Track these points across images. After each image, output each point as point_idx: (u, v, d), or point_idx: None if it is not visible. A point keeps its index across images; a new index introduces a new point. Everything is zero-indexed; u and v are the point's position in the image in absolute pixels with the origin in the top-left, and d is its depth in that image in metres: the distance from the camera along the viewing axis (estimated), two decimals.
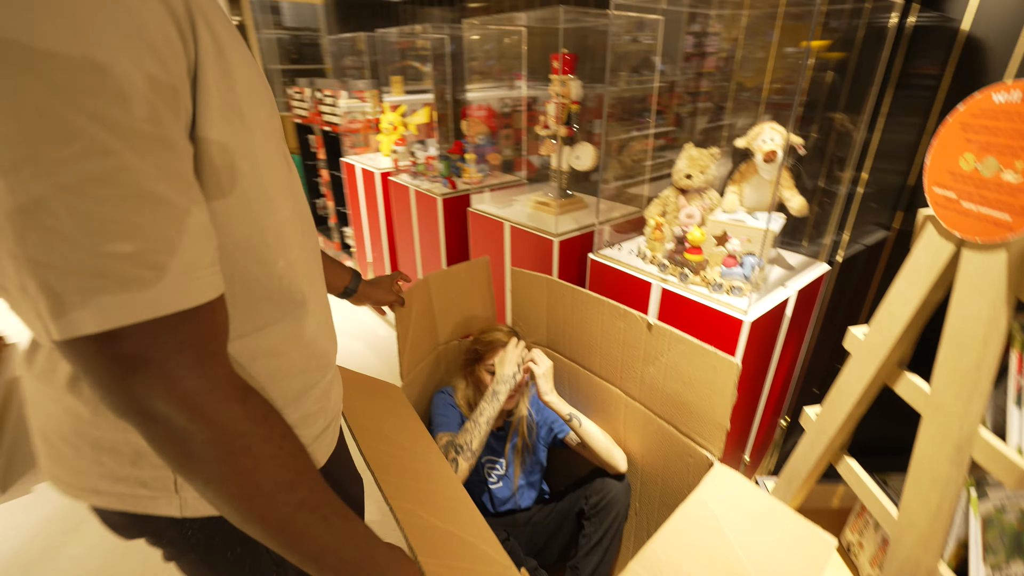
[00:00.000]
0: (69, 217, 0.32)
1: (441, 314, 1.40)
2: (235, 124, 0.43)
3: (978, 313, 0.66)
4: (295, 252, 0.54)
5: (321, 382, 0.60)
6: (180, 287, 0.37)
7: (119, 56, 0.33)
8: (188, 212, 0.38)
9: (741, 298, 1.06)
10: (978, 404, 0.68)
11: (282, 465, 0.44)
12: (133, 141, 0.34)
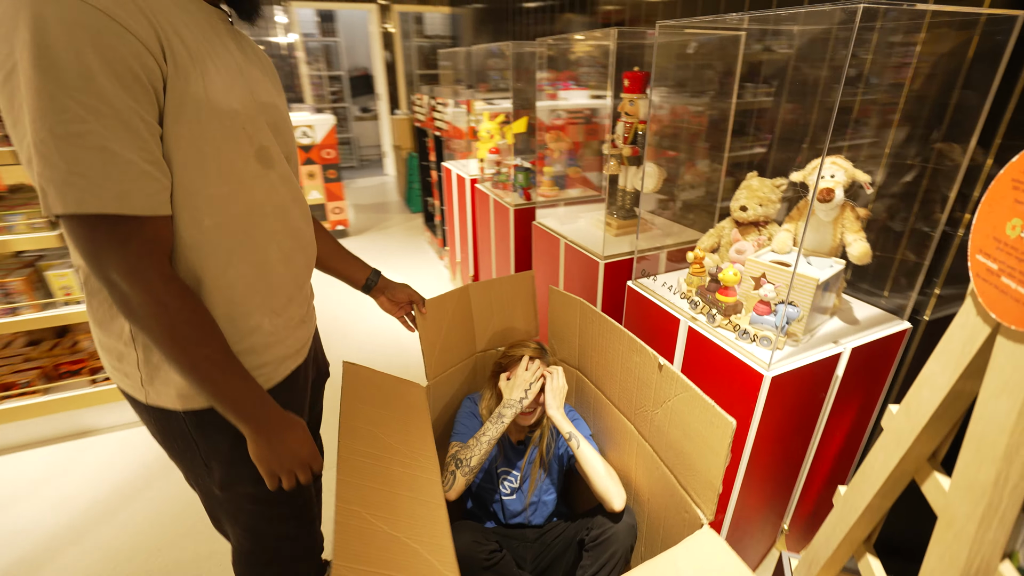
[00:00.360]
0: (56, 152, 0.54)
1: (480, 322, 1.44)
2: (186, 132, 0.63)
3: (1004, 418, 0.53)
4: (237, 256, 0.72)
5: (256, 344, 0.78)
6: (118, 201, 0.57)
7: (100, 71, 0.54)
8: (131, 162, 0.58)
9: (769, 350, 0.95)
10: (997, 532, 0.55)
11: (193, 327, 0.66)
12: (101, 119, 0.55)
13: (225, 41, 0.72)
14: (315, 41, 6.84)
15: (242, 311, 0.74)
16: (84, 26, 0.53)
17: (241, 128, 0.69)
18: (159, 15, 0.60)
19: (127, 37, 0.56)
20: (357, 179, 6.87)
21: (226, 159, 0.68)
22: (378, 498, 0.87)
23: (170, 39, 0.61)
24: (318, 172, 4.11)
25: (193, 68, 0.63)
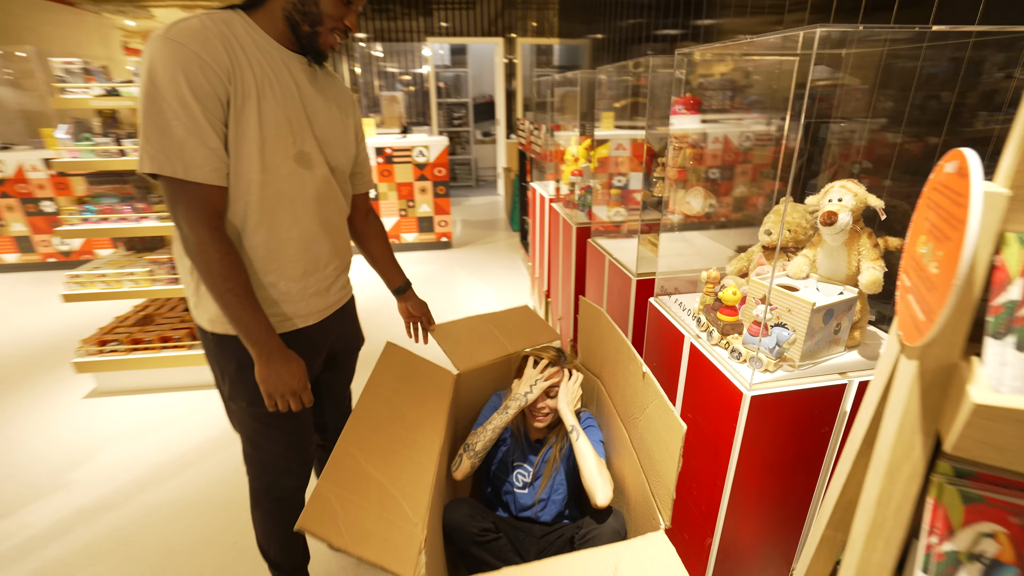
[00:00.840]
0: (153, 136, 0.84)
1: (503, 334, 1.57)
2: (238, 126, 0.91)
3: (889, 435, 0.52)
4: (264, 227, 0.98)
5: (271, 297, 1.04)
6: (184, 170, 0.86)
7: (185, 88, 0.83)
8: (197, 147, 0.87)
9: (754, 370, 0.93)
10: (884, 555, 0.53)
11: (224, 266, 0.92)
12: (180, 119, 0.84)
13: (296, 76, 0.98)
14: (448, 71, 7.53)
15: (260, 269, 1.00)
16: (179, 59, 0.82)
17: (287, 135, 0.94)
18: (239, 55, 0.88)
19: (207, 67, 0.83)
20: (472, 197, 7.36)
21: (268, 156, 0.93)
22: (374, 448, 1.03)
23: (241, 70, 0.87)
24: (429, 188, 4.54)
25: (253, 91, 0.89)
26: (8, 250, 4.33)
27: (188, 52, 0.83)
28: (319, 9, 0.94)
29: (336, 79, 1.14)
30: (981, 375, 0.45)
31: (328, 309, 1.17)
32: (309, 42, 0.98)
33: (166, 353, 2.49)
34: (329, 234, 1.09)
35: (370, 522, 0.90)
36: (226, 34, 0.88)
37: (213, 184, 0.90)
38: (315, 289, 1.10)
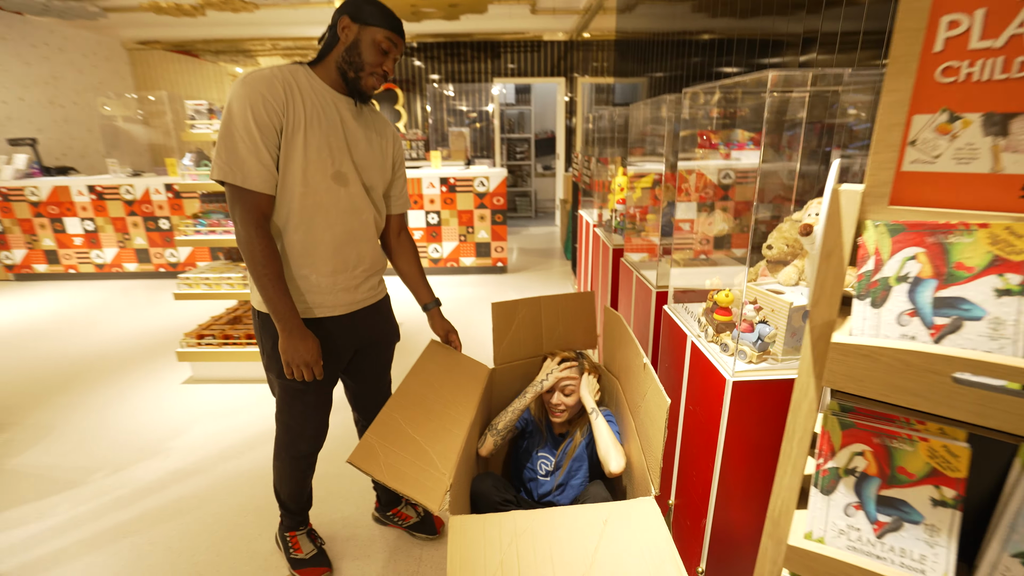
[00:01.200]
0: (223, 152, 1.14)
1: (547, 329, 1.74)
2: (289, 147, 1.18)
3: (801, 381, 0.66)
4: (301, 229, 1.26)
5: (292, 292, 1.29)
6: (242, 180, 1.15)
7: (249, 116, 1.12)
8: (254, 164, 1.15)
9: (739, 360, 1.06)
10: (792, 479, 0.66)
11: (264, 256, 1.18)
12: (244, 142, 1.13)
13: (342, 113, 1.28)
14: (512, 108, 7.99)
15: (296, 263, 1.28)
16: (248, 97, 1.12)
17: (327, 158, 1.22)
18: (295, 95, 1.18)
19: (268, 104, 1.13)
20: (530, 227, 7.65)
21: (310, 173, 1.21)
22: (413, 415, 1.24)
23: (295, 107, 1.17)
24: (488, 215, 4.86)
25: (302, 123, 1.18)
26: (130, 260, 5.06)
27: (255, 92, 1.12)
28: (361, 59, 1.21)
29: (381, 117, 1.42)
30: (845, 326, 0.60)
31: (356, 304, 1.41)
32: (354, 85, 1.25)
33: (250, 349, 2.86)
34: (357, 241, 1.35)
35: (406, 467, 1.11)
36: (288, 80, 1.17)
37: (262, 192, 1.18)
38: (343, 286, 1.35)
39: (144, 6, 5.10)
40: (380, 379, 1.64)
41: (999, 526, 0.54)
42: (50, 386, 2.94)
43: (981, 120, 0.53)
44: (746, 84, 1.21)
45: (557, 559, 0.92)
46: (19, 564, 1.70)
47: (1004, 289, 0.51)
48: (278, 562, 1.69)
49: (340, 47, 1.22)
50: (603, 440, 1.32)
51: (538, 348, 1.74)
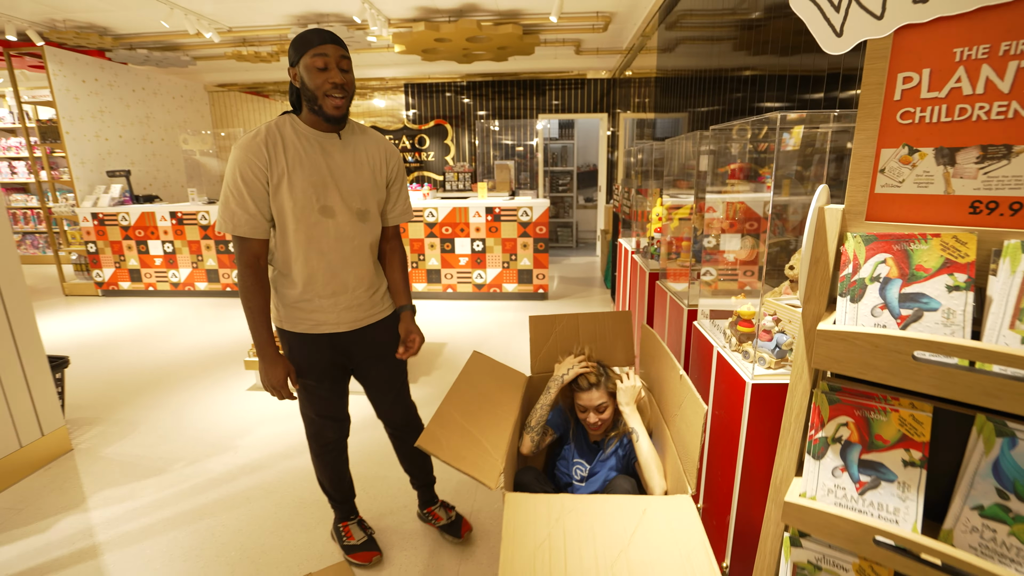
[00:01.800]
0: (221, 208, 1.37)
1: (586, 343, 1.88)
2: (278, 190, 1.38)
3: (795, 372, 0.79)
4: (293, 254, 1.44)
5: (302, 312, 1.50)
6: (233, 229, 1.36)
7: (237, 175, 1.34)
8: (242, 215, 1.36)
9: (759, 366, 1.18)
10: (791, 451, 0.79)
11: (251, 293, 1.40)
12: (235, 198, 1.35)
13: (327, 149, 1.44)
14: (556, 143, 8.30)
15: (301, 288, 1.47)
16: (237, 160, 1.33)
17: (312, 196, 1.40)
18: (277, 147, 1.37)
19: (253, 163, 1.34)
20: (571, 256, 7.81)
21: (298, 211, 1.40)
22: (466, 411, 1.41)
23: (277, 159, 1.37)
24: (530, 244, 5.06)
25: (285, 170, 1.37)
26: (201, 279, 5.54)
27: (243, 155, 1.32)
28: (310, 89, 1.32)
29: (371, 140, 1.51)
30: (831, 318, 0.73)
31: (361, 321, 1.56)
32: (323, 114, 1.35)
33: None
34: (352, 266, 1.49)
35: (464, 451, 1.27)
36: (274, 136, 1.35)
37: (251, 237, 1.38)
38: (345, 305, 1.52)
39: (228, 55, 5.73)
40: (391, 384, 1.74)
41: (961, 484, 0.65)
42: (133, 389, 3.28)
43: (934, 153, 0.67)
44: (762, 123, 1.35)
45: (598, 537, 1.04)
46: (116, 535, 1.94)
47: (954, 286, 0.64)
48: (334, 549, 1.86)
49: (299, 92, 1.39)
50: (648, 466, 1.40)
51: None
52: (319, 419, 1.65)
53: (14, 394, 2.28)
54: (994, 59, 0.60)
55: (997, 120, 0.61)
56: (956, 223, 0.66)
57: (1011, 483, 0.61)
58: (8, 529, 1.98)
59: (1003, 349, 0.58)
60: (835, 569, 0.75)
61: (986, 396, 0.60)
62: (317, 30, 1.32)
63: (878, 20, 0.66)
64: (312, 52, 1.30)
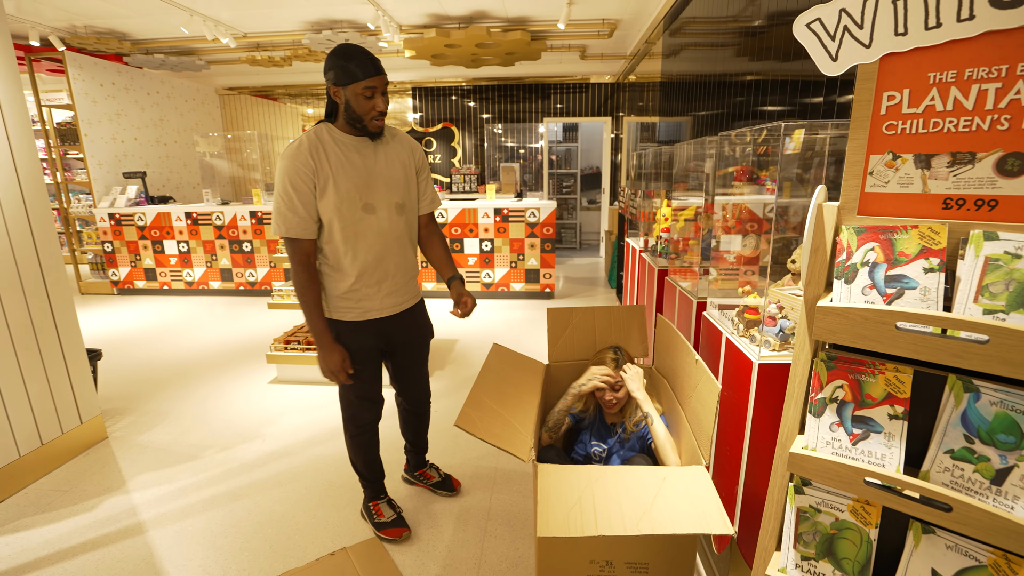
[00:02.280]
0: (273, 213, 1.55)
1: (601, 336, 2.02)
2: (324, 195, 1.55)
3: (796, 341, 0.92)
4: (342, 249, 1.59)
5: (350, 301, 1.65)
6: (285, 231, 1.54)
7: (287, 182, 1.51)
8: (292, 218, 1.53)
9: (765, 349, 1.31)
10: (794, 412, 0.92)
11: (304, 287, 1.57)
12: (284, 203, 1.53)
13: (363, 153, 1.60)
14: (560, 146, 8.44)
15: (352, 279, 1.62)
16: (286, 169, 1.50)
17: (356, 196, 1.55)
18: (321, 156, 1.52)
19: (300, 170, 1.48)
20: (575, 257, 7.95)
21: (344, 210, 1.55)
22: (493, 396, 1.55)
23: (322, 165, 1.51)
24: (537, 244, 5.20)
25: (331, 176, 1.52)
26: (215, 279, 5.66)
27: (291, 164, 1.48)
28: (356, 112, 1.50)
29: (398, 139, 1.69)
30: (828, 297, 0.87)
31: (399, 306, 1.76)
32: (364, 131, 1.55)
33: None
34: (393, 255, 1.68)
35: (496, 429, 1.40)
36: (315, 144, 1.50)
37: (301, 237, 1.53)
38: (387, 291, 1.69)
39: (242, 59, 5.87)
40: (419, 370, 1.97)
41: (936, 433, 0.78)
42: (158, 382, 3.41)
43: (913, 159, 0.80)
44: (768, 130, 1.49)
45: (624, 500, 1.17)
46: (158, 514, 2.07)
47: (929, 268, 0.77)
48: (364, 527, 1.99)
49: (340, 109, 1.54)
50: (662, 446, 1.52)
51: (592, 352, 2.01)
52: (358, 401, 1.79)
53: (57, 384, 2.41)
54: (960, 82, 0.73)
55: (963, 132, 0.75)
56: (931, 216, 0.79)
57: (975, 430, 0.75)
58: (57, 508, 2.11)
59: (968, 318, 0.71)
60: (832, 511, 0.88)
61: (955, 358, 0.73)
62: (366, 56, 1.46)
63: (867, 48, 0.79)
64: (364, 83, 1.46)
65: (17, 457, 2.21)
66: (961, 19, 0.70)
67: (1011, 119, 0.70)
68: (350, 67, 1.44)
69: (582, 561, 1.27)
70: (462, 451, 2.51)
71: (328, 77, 1.49)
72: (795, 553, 0.90)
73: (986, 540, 0.72)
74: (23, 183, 2.27)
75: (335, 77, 1.47)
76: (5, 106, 2.19)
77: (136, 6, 4.29)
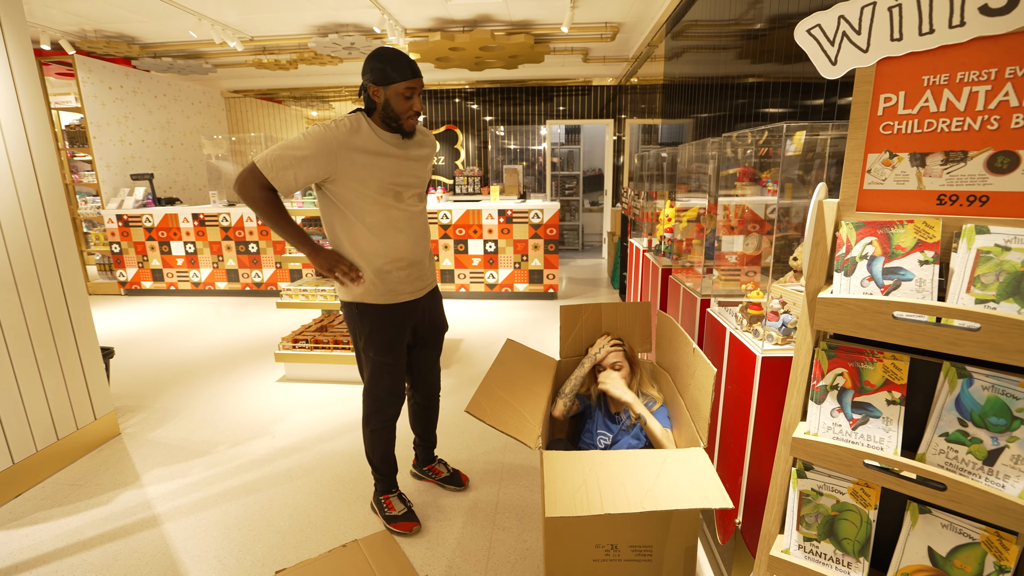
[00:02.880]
0: (277, 148, 1.54)
1: (607, 329, 2.06)
2: (354, 190, 1.61)
3: (799, 331, 0.97)
4: (372, 234, 1.65)
5: (382, 285, 1.71)
6: (272, 178, 1.53)
7: (309, 153, 1.54)
8: (288, 175, 1.54)
9: (767, 342, 1.35)
10: (797, 399, 0.96)
11: (271, 204, 1.59)
12: (293, 159, 1.53)
13: (396, 148, 1.66)
14: (563, 148, 8.49)
15: (382, 260, 1.68)
16: (317, 142, 1.53)
17: (389, 184, 1.62)
18: (349, 146, 1.57)
19: (324, 157, 1.53)
20: (578, 259, 7.99)
21: (376, 197, 1.61)
22: (505, 386, 1.59)
23: (348, 157, 1.56)
24: (541, 245, 5.24)
25: (366, 162, 1.57)
26: (221, 279, 5.72)
27: (323, 144, 1.53)
28: (395, 111, 1.58)
29: (423, 138, 1.77)
30: (828, 289, 0.91)
31: (423, 291, 1.84)
32: (398, 129, 1.63)
33: (335, 353, 3.30)
34: (421, 238, 1.78)
35: (506, 417, 1.45)
36: (350, 132, 1.56)
37: (277, 189, 1.55)
38: (415, 276, 1.78)
39: (248, 63, 5.94)
40: (433, 365, 2.06)
41: (931, 418, 0.82)
42: (167, 380, 3.46)
43: (909, 157, 0.84)
44: (770, 131, 1.54)
45: (627, 481, 1.22)
46: (172, 507, 2.12)
47: (924, 260, 0.82)
48: (374, 520, 2.03)
49: (378, 107, 1.61)
50: (660, 443, 1.60)
51: None
52: (386, 396, 1.85)
53: (73, 381, 2.45)
54: (952, 85, 0.78)
55: (956, 132, 0.79)
56: (926, 212, 0.84)
57: (968, 413, 0.79)
58: (73, 502, 2.15)
59: (961, 307, 0.76)
60: (833, 494, 0.92)
61: (949, 345, 0.77)
62: (405, 59, 1.56)
63: (864, 53, 0.84)
64: (405, 83, 1.55)
65: (34, 451, 2.26)
66: (953, 25, 0.75)
67: (1000, 119, 0.75)
68: (391, 69, 1.53)
69: (587, 546, 1.31)
70: (470, 447, 2.55)
71: (367, 77, 1.57)
72: (798, 535, 0.94)
73: (979, 517, 0.76)
74: (41, 185, 2.32)
75: (377, 77, 1.55)
76: (26, 111, 2.25)
77: (146, 11, 4.36)
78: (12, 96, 2.20)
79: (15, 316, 2.19)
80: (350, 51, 5.36)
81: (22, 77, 2.24)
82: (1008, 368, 0.77)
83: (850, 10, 0.83)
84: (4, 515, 2.07)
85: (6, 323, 2.15)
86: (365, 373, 1.85)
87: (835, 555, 0.91)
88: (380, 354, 1.76)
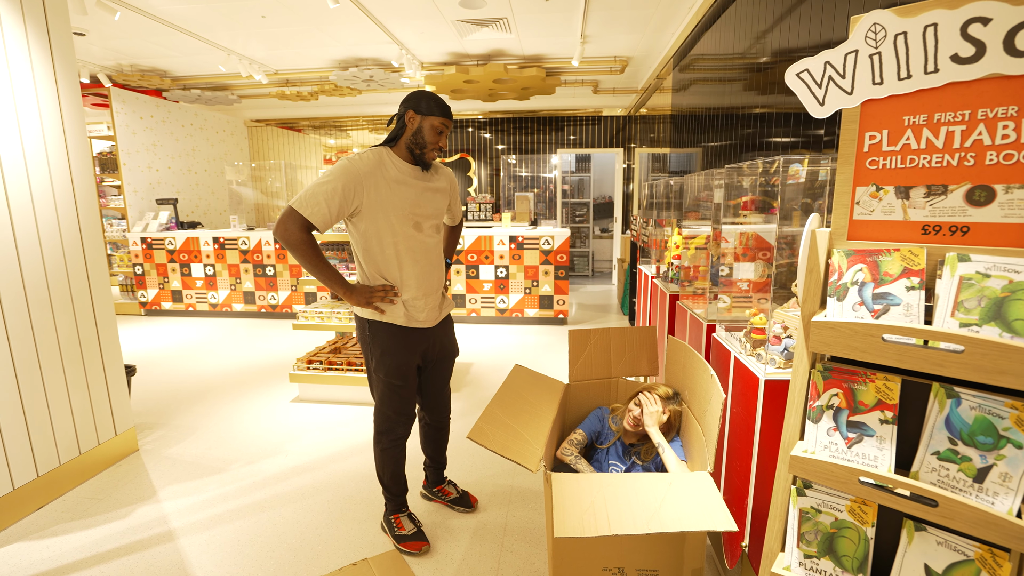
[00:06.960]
0: (309, 187, 1.63)
1: (616, 355, 2.11)
2: (378, 220, 1.70)
3: (795, 353, 1.01)
4: (393, 263, 1.75)
5: (400, 308, 1.78)
6: (309, 215, 1.61)
7: (339, 186, 1.62)
8: (323, 209, 1.62)
9: (770, 366, 1.39)
10: (795, 419, 1.00)
11: (310, 247, 1.66)
12: (324, 193, 1.62)
13: (415, 179, 1.76)
14: (573, 176, 8.64)
15: (407, 290, 1.76)
16: (344, 174, 1.62)
17: (409, 214, 1.71)
18: (377, 179, 1.67)
19: (352, 187, 1.63)
20: (588, 285, 8.04)
21: (397, 227, 1.71)
22: (510, 411, 1.64)
23: (377, 187, 1.66)
24: (551, 271, 5.32)
25: (387, 195, 1.67)
26: (238, 301, 5.85)
27: (349, 175, 1.62)
28: (424, 140, 1.69)
29: (442, 172, 1.88)
30: (822, 313, 0.96)
31: (438, 318, 1.91)
32: (420, 159, 1.72)
33: (348, 374, 3.36)
34: (436, 268, 1.86)
35: (508, 441, 1.49)
36: (375, 169, 1.65)
37: (313, 224, 1.61)
38: (432, 304, 1.86)
39: (271, 94, 6.20)
40: (443, 388, 2.11)
41: (923, 437, 0.86)
42: (185, 399, 3.54)
43: (894, 190, 0.91)
44: (768, 165, 1.61)
45: (634, 503, 1.25)
46: (188, 522, 2.16)
47: (911, 287, 0.87)
48: (384, 540, 2.05)
49: (408, 132, 1.72)
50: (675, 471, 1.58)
51: (607, 371, 2.09)
52: (395, 416, 1.90)
53: (97, 397, 2.54)
54: (931, 124, 0.84)
55: (936, 167, 0.85)
56: (911, 241, 0.89)
57: (958, 432, 0.83)
58: (93, 515, 2.21)
59: (945, 330, 0.80)
60: (832, 511, 0.95)
61: (935, 366, 0.81)
62: (445, 103, 1.71)
63: (849, 95, 0.91)
64: (441, 119, 1.70)
65: (57, 465, 2.33)
66: (928, 71, 0.82)
67: (976, 156, 0.81)
68: (433, 104, 1.68)
69: (595, 568, 1.33)
70: (479, 469, 2.57)
71: (408, 105, 1.70)
72: (798, 552, 0.97)
73: (970, 533, 0.79)
74: (80, 211, 2.46)
75: (418, 107, 1.68)
76: (70, 143, 2.40)
77: (180, 47, 4.61)
78: (59, 130, 2.36)
79: (48, 334, 2.29)
80: (369, 83, 5.59)
81: (69, 111, 2.40)
82: (993, 388, 0.81)
83: (835, 57, 0.91)
84: (26, 527, 2.13)
85: (40, 340, 2.25)
86: (376, 393, 1.91)
87: (835, 572, 0.94)
88: (390, 376, 1.83)
